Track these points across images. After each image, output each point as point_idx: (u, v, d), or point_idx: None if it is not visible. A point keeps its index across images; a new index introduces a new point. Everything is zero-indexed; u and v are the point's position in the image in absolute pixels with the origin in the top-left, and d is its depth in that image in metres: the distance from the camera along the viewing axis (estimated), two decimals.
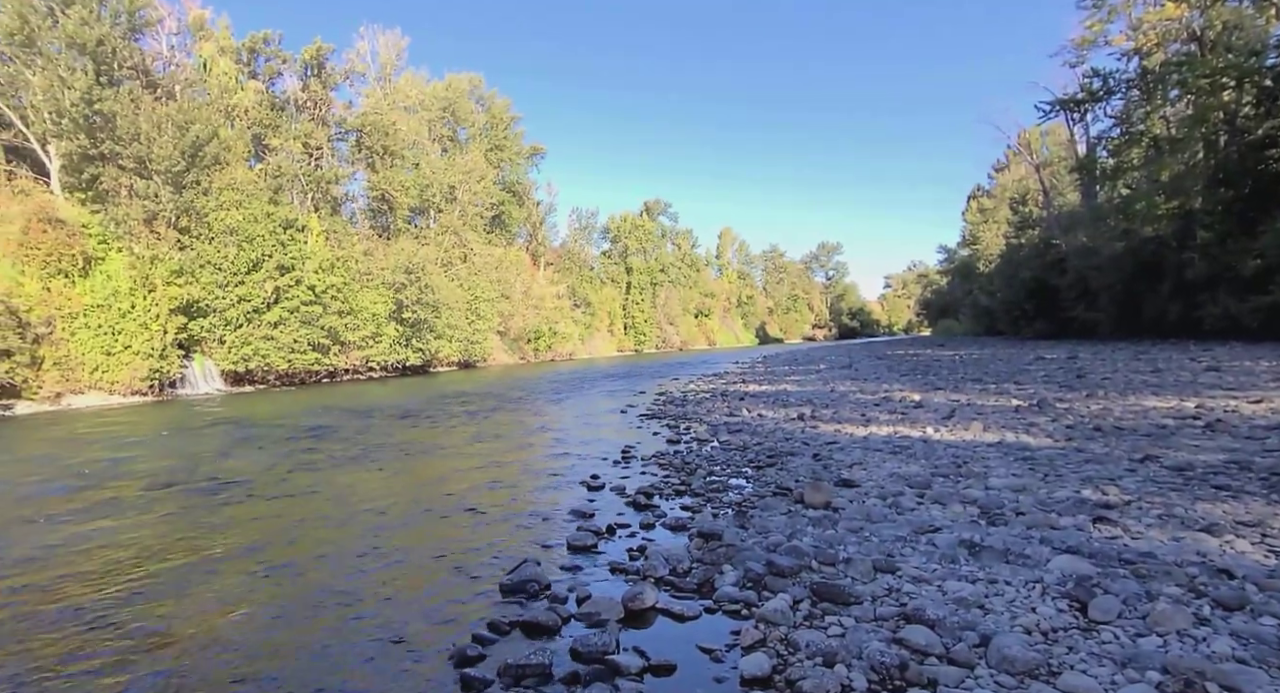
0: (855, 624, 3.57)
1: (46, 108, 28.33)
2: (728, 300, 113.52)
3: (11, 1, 27.11)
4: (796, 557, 4.60)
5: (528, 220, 70.45)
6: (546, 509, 6.94)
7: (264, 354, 31.22)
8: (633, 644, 3.71)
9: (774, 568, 4.45)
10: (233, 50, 41.62)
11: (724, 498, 6.81)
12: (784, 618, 3.71)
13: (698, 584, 4.53)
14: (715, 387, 20.78)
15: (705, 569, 4.71)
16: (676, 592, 4.46)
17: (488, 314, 50.68)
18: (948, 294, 71.06)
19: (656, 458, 9.23)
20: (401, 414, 17.13)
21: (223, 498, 8.03)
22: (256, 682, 3.55)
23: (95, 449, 12.76)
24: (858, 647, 3.27)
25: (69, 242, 25.13)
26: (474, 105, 62.75)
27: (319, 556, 5.72)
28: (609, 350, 75.89)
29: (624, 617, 4.10)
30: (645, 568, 4.82)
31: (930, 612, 3.51)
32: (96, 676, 3.68)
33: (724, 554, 4.91)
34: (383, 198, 47.95)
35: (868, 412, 11.95)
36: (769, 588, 4.25)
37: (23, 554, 6.00)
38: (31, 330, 22.91)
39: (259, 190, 35.14)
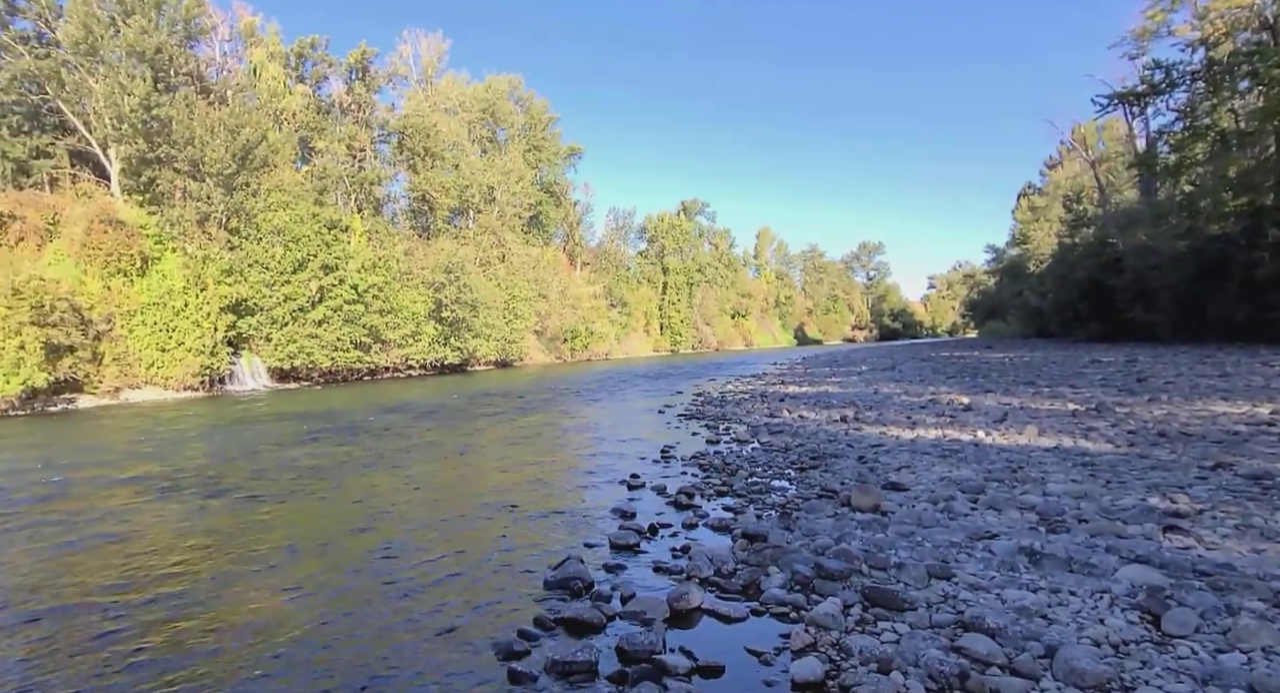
0: (910, 631, 3.48)
1: (108, 113, 29.71)
2: (765, 301, 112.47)
3: (77, 12, 28.51)
4: (846, 560, 4.51)
5: (565, 220, 71.02)
6: (587, 508, 6.96)
7: (308, 352, 32.16)
8: (679, 644, 3.68)
9: (822, 571, 4.37)
10: (281, 55, 43.02)
11: (767, 499, 6.72)
12: (835, 622, 3.64)
13: (743, 586, 4.48)
14: (754, 388, 20.60)
15: (751, 571, 4.65)
16: (722, 593, 4.41)
17: (525, 314, 51.26)
18: (995, 295, 69.01)
19: (696, 458, 9.18)
20: (441, 412, 17.43)
21: (274, 491, 8.28)
22: (310, 669, 3.64)
23: (152, 443, 13.31)
24: (914, 654, 3.18)
25: (128, 242, 26.30)
26: (513, 106, 63.57)
27: (367, 548, 5.84)
28: (645, 351, 75.98)
29: (669, 617, 4.08)
30: (689, 568, 4.79)
31: (990, 620, 3.39)
32: (157, 658, 3.82)
33: (770, 556, 4.85)
34: (423, 198, 48.93)
35: (914, 414, 11.67)
36: (818, 591, 4.18)
37: (88, 542, 6.28)
38: (93, 327, 24.05)
39: (305, 192, 36.25)
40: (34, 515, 7.33)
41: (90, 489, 8.66)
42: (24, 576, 5.37)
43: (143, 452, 11.91)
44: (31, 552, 6.01)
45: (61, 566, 5.58)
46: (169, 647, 3.96)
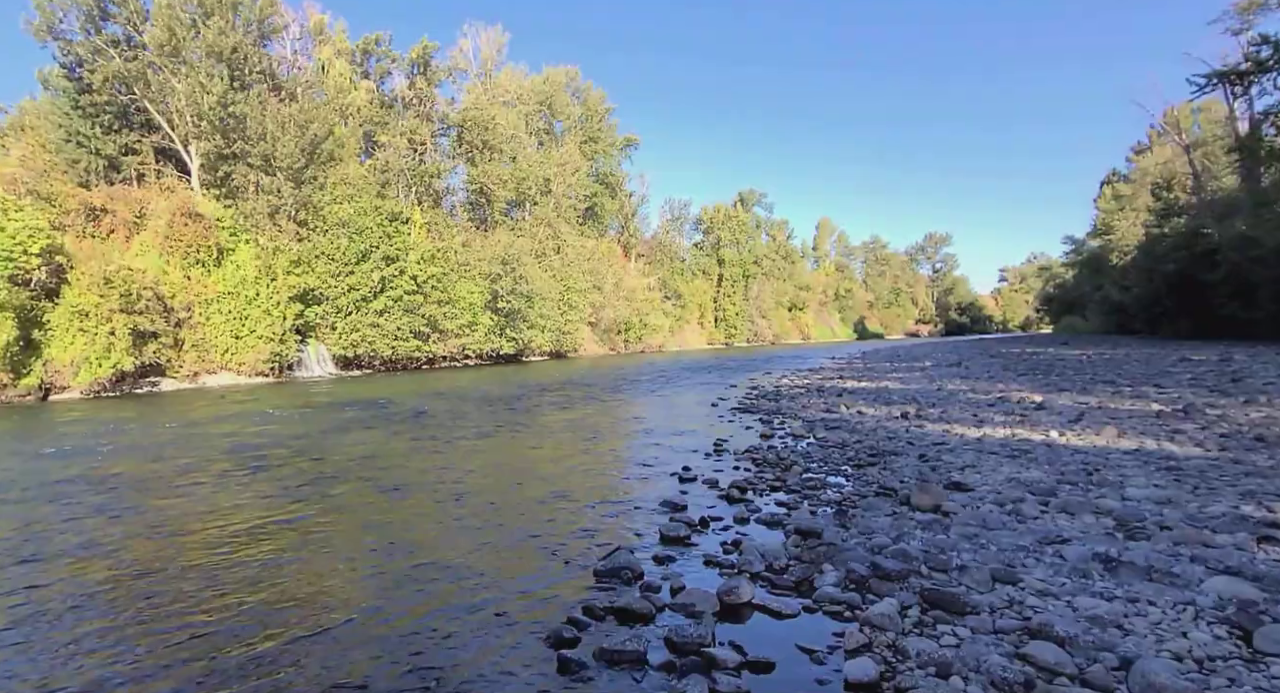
0: (972, 635, 3.36)
1: (189, 111, 31.51)
2: (824, 293, 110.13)
3: (162, 15, 30.29)
4: (904, 560, 4.40)
5: (620, 212, 71.26)
6: (638, 499, 6.99)
7: (370, 340, 33.41)
8: (729, 639, 3.67)
9: (879, 571, 4.28)
10: (348, 52, 44.63)
11: (822, 496, 6.61)
12: (891, 623, 3.55)
13: (795, 582, 4.42)
14: (810, 382, 20.24)
15: (804, 568, 4.59)
16: (773, 588, 4.37)
17: (579, 305, 51.80)
18: (1073, 289, 65.52)
19: (749, 452, 9.09)
20: (496, 401, 17.83)
21: (335, 473, 8.66)
22: (365, 646, 3.80)
23: (229, 424, 14.13)
24: (975, 659, 3.07)
25: (205, 234, 27.90)
26: (570, 98, 64.08)
27: (420, 531, 6.05)
28: (699, 343, 75.65)
29: (719, 610, 4.06)
30: (740, 562, 4.76)
31: (1059, 628, 3.24)
32: (220, 628, 4.07)
33: (824, 553, 4.77)
34: (481, 191, 49.99)
35: (980, 412, 11.23)
36: (873, 591, 4.09)
37: (169, 517, 6.73)
38: (174, 315, 25.66)
39: (368, 185, 37.58)
40: (119, 490, 7.90)
41: (169, 467, 9.26)
42: (107, 546, 5.79)
43: (217, 433, 12.66)
44: (115, 524, 6.48)
45: (139, 538, 5.99)
46: (232, 618, 4.20)
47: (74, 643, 3.91)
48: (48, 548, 5.73)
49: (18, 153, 26.50)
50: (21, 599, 4.58)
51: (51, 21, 30.29)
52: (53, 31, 30.58)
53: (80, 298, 21.95)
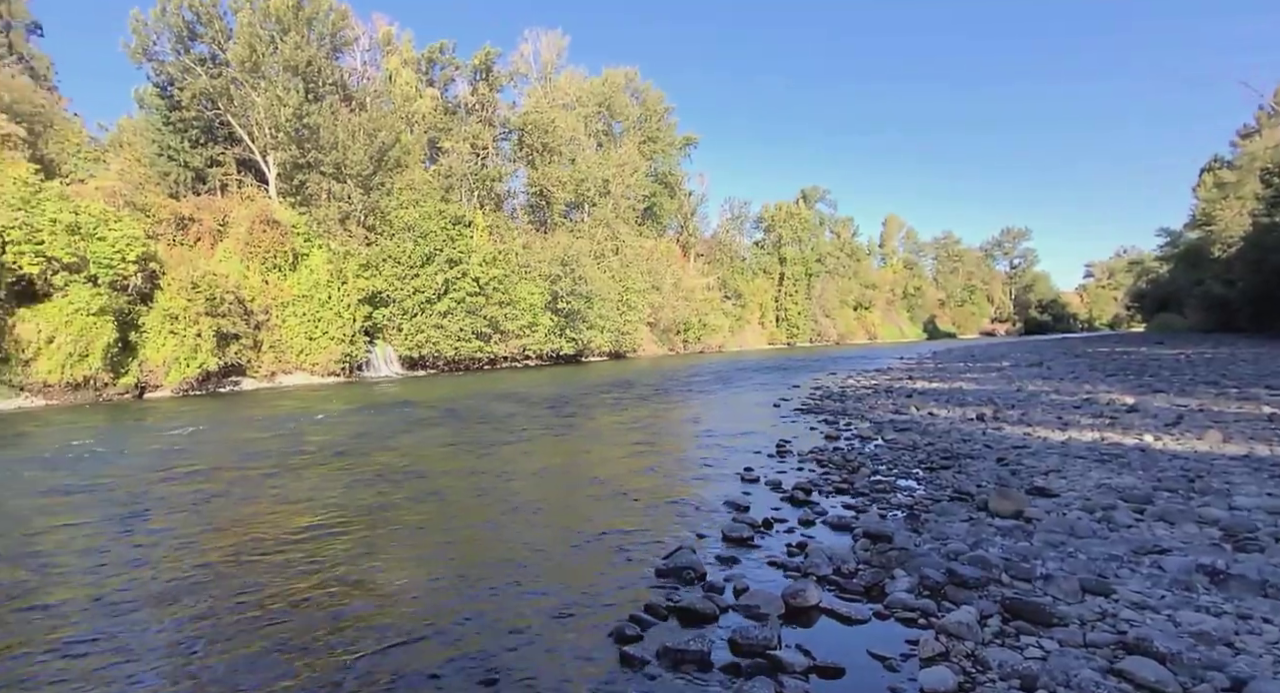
0: (1060, 648, 3.18)
1: (267, 124, 33.35)
2: (891, 292, 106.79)
3: (243, 33, 32.20)
4: (983, 568, 4.21)
5: (679, 211, 71.15)
6: (699, 499, 6.96)
7: (434, 341, 34.48)
8: (795, 642, 3.61)
9: (955, 578, 4.11)
10: (414, 61, 46.30)
11: (892, 499, 6.41)
12: (970, 633, 3.40)
13: (865, 587, 4.30)
14: (878, 382, 19.66)
15: (874, 572, 4.45)
16: (842, 593, 4.26)
17: (638, 305, 52.00)
18: (1169, 284, 61.28)
19: (814, 454, 8.91)
20: (557, 401, 18.10)
21: (404, 470, 8.98)
22: (433, 637, 3.91)
23: (303, 422, 14.87)
24: (1064, 673, 2.90)
25: (282, 240, 29.44)
26: (629, 99, 64.44)
27: (485, 527, 6.19)
28: (759, 343, 74.69)
29: (785, 613, 3.99)
30: (806, 565, 4.66)
31: (1159, 644, 3.03)
32: (294, 617, 4.27)
33: (895, 558, 4.62)
34: (541, 193, 50.88)
35: (1065, 414, 10.65)
36: (949, 599, 3.93)
37: (250, 509, 7.13)
38: (254, 317, 27.18)
39: (433, 189, 38.83)
40: (205, 483, 8.42)
41: (250, 461, 9.81)
42: (192, 535, 6.18)
43: (294, 430, 13.34)
44: (200, 514, 6.90)
45: (223, 529, 6.37)
46: (305, 606, 4.41)
47: (161, 620, 4.19)
48: (141, 538, 6.16)
49: (117, 167, 28.66)
50: (119, 583, 4.94)
51: (146, 44, 32.67)
52: (147, 53, 32.97)
53: (170, 302, 23.56)
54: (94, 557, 5.52)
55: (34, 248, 20.11)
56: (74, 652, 3.80)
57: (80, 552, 5.68)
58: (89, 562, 5.39)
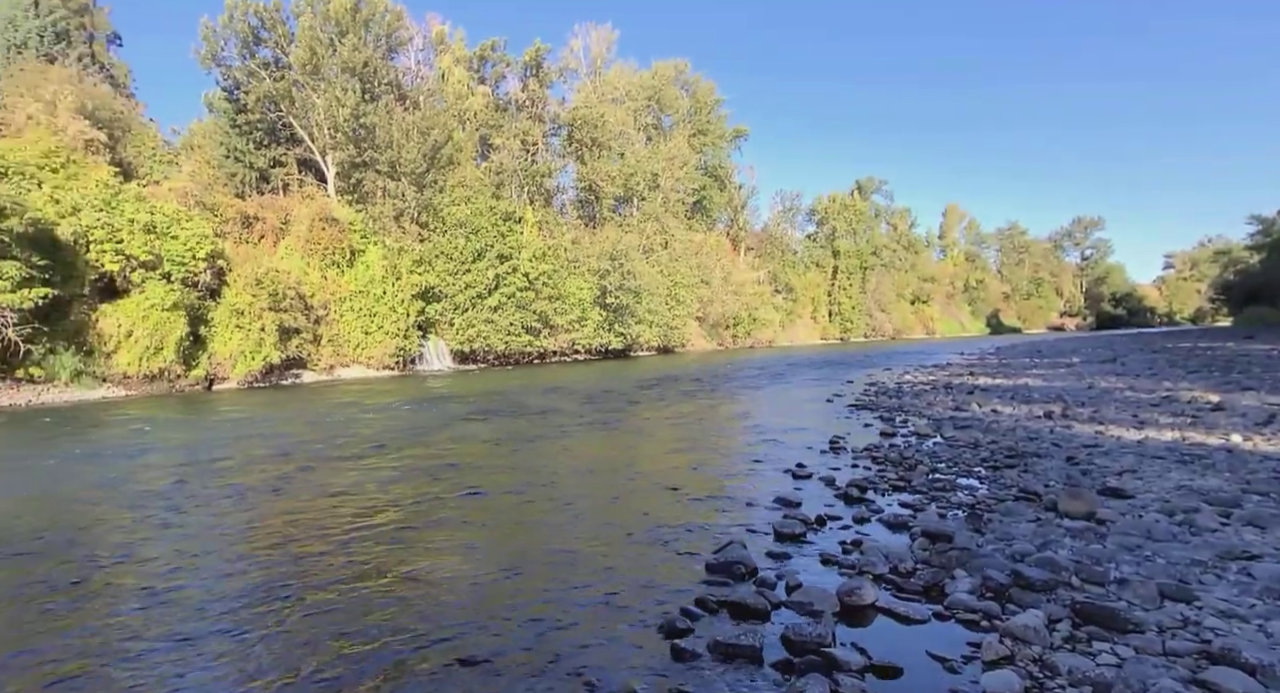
0: (1136, 655, 3.03)
1: (326, 124, 34.57)
2: (951, 285, 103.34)
3: (304, 36, 33.43)
4: (1051, 570, 4.04)
5: (729, 205, 70.56)
6: (750, 494, 6.89)
7: (485, 336, 35.20)
8: (850, 640, 3.54)
9: (1021, 580, 3.95)
10: (465, 59, 47.18)
11: (951, 498, 6.22)
12: (1037, 637, 3.27)
13: (924, 587, 4.18)
14: (936, 378, 19.08)
15: (933, 572, 4.33)
16: (899, 592, 4.16)
17: (687, 300, 51.86)
18: (1260, 275, 57.33)
19: (869, 451, 8.71)
20: (605, 395, 18.22)
21: (456, 460, 9.19)
22: (486, 623, 4.00)
23: (360, 414, 15.40)
24: (1140, 682, 2.76)
25: (340, 237, 30.51)
26: (679, 91, 64.17)
27: (535, 518, 6.28)
28: (811, 338, 73.49)
29: (839, 611, 3.92)
30: (861, 563, 4.57)
31: (1248, 654, 2.85)
32: (352, 601, 4.43)
33: (956, 558, 4.48)
34: (590, 188, 51.22)
35: (1142, 412, 10.11)
36: (1014, 601, 3.79)
37: (313, 493, 7.43)
38: (313, 313, 28.27)
39: (484, 186, 39.56)
40: (270, 469, 8.81)
41: (310, 451, 10.22)
42: (252, 522, 6.47)
43: (352, 421, 13.83)
44: (263, 501, 7.23)
45: (282, 514, 6.65)
46: (364, 589, 4.56)
47: (219, 599, 4.41)
48: (207, 520, 6.50)
49: (188, 169, 30.24)
50: (186, 561, 5.23)
51: (215, 50, 34.29)
52: (216, 59, 34.60)
53: (237, 297, 24.73)
54: (163, 537, 5.84)
55: (114, 246, 21.39)
56: (139, 623, 4.04)
57: (153, 529, 6.02)
58: (159, 543, 5.71)
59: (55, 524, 6.42)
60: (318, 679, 3.37)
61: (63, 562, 5.28)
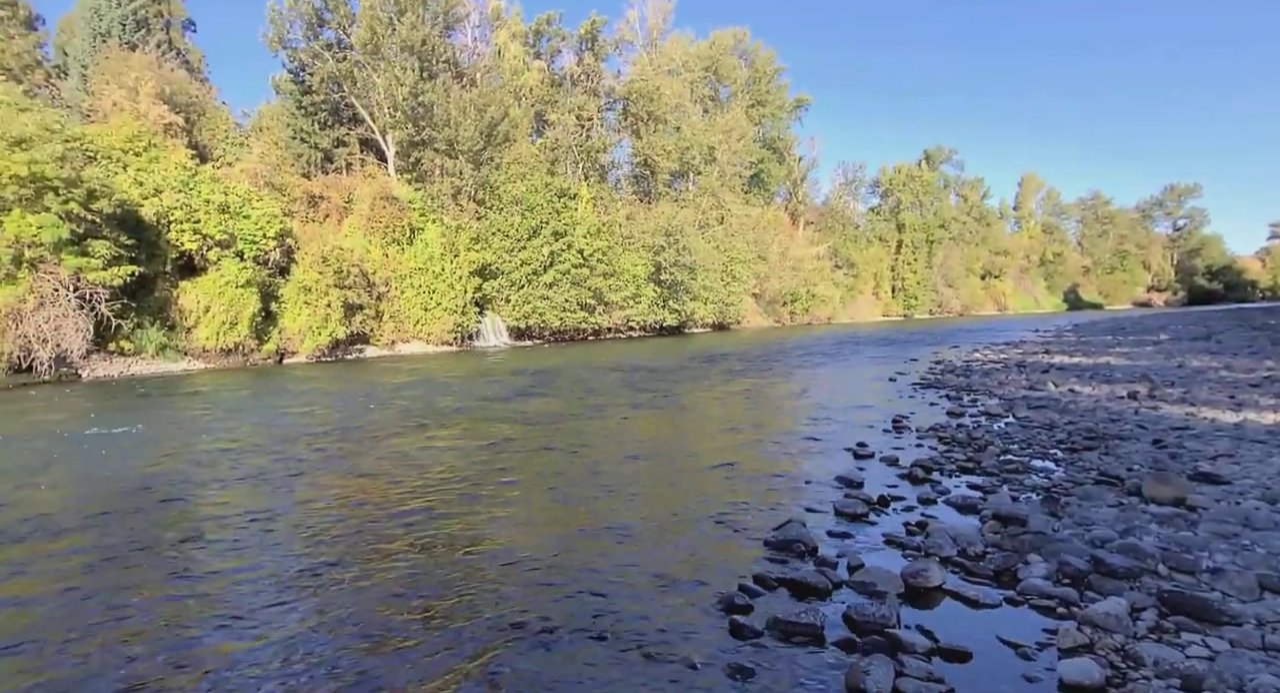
0: (1231, 649, 2.86)
1: (386, 104, 35.32)
2: (1026, 258, 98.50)
3: (365, 16, 34.10)
4: (1135, 557, 3.85)
5: (788, 177, 68.92)
6: (809, 473, 6.80)
7: (541, 312, 35.68)
8: (915, 622, 3.46)
9: (1102, 566, 3.78)
10: (521, 34, 47.23)
11: (1025, 481, 5.98)
12: (1119, 625, 3.12)
13: (995, 571, 4.05)
14: (1008, 356, 18.31)
15: (1005, 556, 4.18)
16: (968, 575, 4.04)
17: (743, 276, 51.19)
18: None
19: (935, 430, 8.46)
20: (660, 371, 18.25)
21: (516, 434, 9.40)
22: (545, 592, 4.09)
23: (423, 388, 15.90)
24: (1236, 677, 2.60)
25: (400, 215, 31.31)
26: (737, 61, 62.63)
27: (591, 493, 6.37)
28: (873, 315, 71.58)
29: (904, 592, 3.84)
30: (928, 545, 4.45)
31: None
32: (414, 571, 4.60)
33: (1029, 543, 4.31)
34: (645, 163, 50.83)
35: (1240, 393, 9.46)
36: (1094, 588, 3.63)
37: (377, 464, 7.74)
38: (375, 289, 29.23)
39: (539, 163, 39.77)
40: (339, 439, 9.21)
41: (376, 421, 10.63)
42: (324, 489, 6.79)
43: (414, 393, 14.31)
44: (333, 469, 7.57)
45: (350, 482, 6.94)
46: (426, 558, 4.73)
47: (293, 562, 4.65)
48: (282, 488, 6.85)
49: (257, 150, 31.44)
50: (261, 523, 5.54)
51: (281, 32, 35.38)
52: (282, 41, 35.72)
53: (304, 275, 25.78)
54: (247, 499, 6.20)
55: (192, 226, 22.57)
56: (219, 583, 4.31)
57: (240, 493, 6.40)
58: (243, 504, 6.07)
59: (151, 488, 6.90)
60: (382, 642, 3.53)
61: (158, 524, 5.68)
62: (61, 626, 3.78)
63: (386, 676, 3.17)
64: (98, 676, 3.22)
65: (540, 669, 3.17)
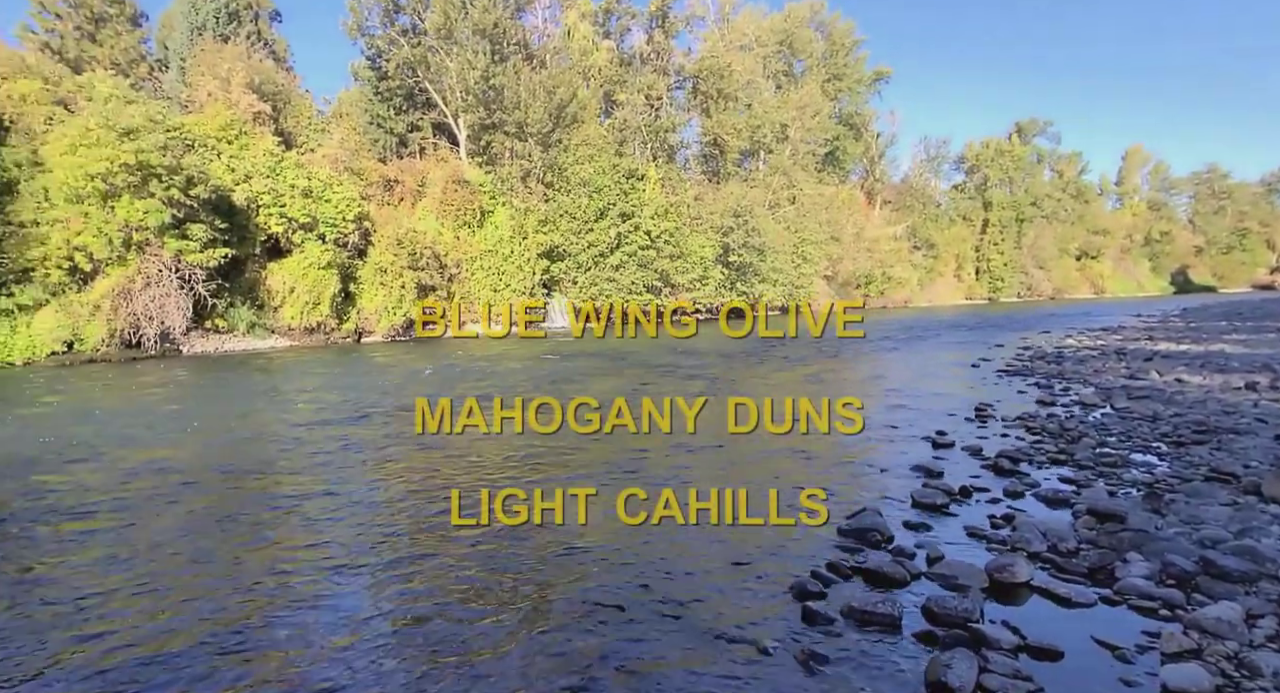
0: None
1: (459, 87, 36.08)
2: (1128, 238, 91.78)
3: (438, 2, 34.85)
4: (1251, 560, 3.57)
5: (865, 154, 66.45)
6: (884, 461, 6.63)
7: (607, 294, 35.91)
8: (1000, 618, 3.34)
9: (1213, 568, 3.53)
10: (591, 14, 47.16)
11: (1124, 475, 5.64)
12: (1234, 632, 2.91)
13: (1089, 569, 3.85)
14: (1106, 343, 17.22)
15: (1101, 554, 3.97)
16: (1059, 572, 3.85)
17: (814, 257, 49.94)
18: None
19: (1022, 420, 8.07)
20: (729, 354, 18.10)
21: (584, 415, 9.53)
22: (616, 573, 4.16)
23: (495, 366, 16.35)
24: None
25: (471, 198, 32.06)
26: (813, 33, 60.55)
27: (659, 475, 6.40)
28: (954, 298, 68.55)
29: (988, 587, 3.70)
30: (1014, 539, 4.27)
31: None
32: (490, 544, 4.75)
33: (1129, 540, 4.07)
34: (714, 142, 50.09)
35: None
36: (1202, 591, 3.40)
37: (448, 441, 8.02)
38: (447, 271, 30.13)
39: (607, 144, 39.79)
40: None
41: (451, 396, 11.00)
42: (405, 460, 7.09)
43: (488, 373, 14.73)
44: (413, 442, 7.89)
45: (431, 455, 7.22)
46: (498, 534, 4.89)
47: (379, 524, 4.89)
48: (366, 457, 7.20)
49: (337, 136, 32.75)
50: (350, 486, 5.84)
51: (360, 20, 36.66)
52: (361, 29, 37.02)
53: (380, 257, 26.83)
54: (328, 473, 6.56)
55: (278, 210, 23.82)
56: (309, 541, 4.58)
57: (330, 456, 6.78)
58: (331, 469, 6.42)
59: (249, 456, 7.40)
60: (459, 611, 3.67)
61: (254, 488, 6.10)
62: (175, 575, 4.12)
63: (466, 646, 3.30)
64: (204, 618, 3.50)
65: (614, 647, 3.23)
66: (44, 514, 5.44)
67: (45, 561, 4.51)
